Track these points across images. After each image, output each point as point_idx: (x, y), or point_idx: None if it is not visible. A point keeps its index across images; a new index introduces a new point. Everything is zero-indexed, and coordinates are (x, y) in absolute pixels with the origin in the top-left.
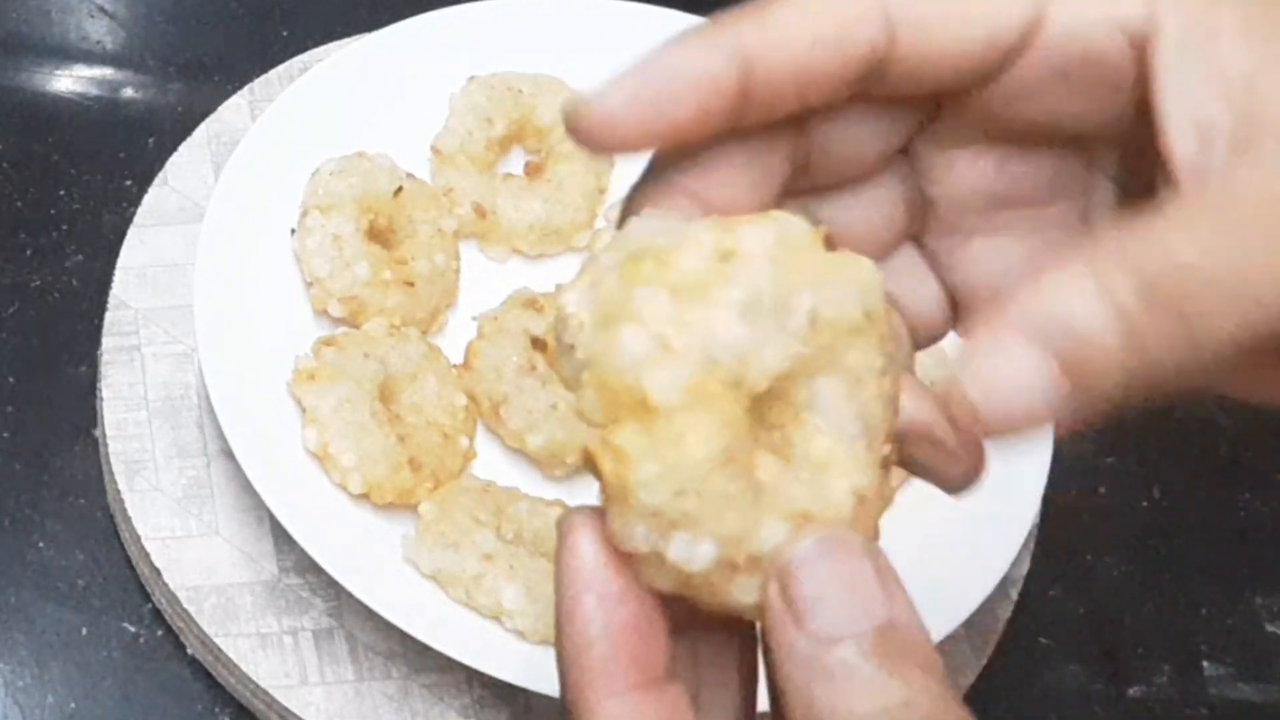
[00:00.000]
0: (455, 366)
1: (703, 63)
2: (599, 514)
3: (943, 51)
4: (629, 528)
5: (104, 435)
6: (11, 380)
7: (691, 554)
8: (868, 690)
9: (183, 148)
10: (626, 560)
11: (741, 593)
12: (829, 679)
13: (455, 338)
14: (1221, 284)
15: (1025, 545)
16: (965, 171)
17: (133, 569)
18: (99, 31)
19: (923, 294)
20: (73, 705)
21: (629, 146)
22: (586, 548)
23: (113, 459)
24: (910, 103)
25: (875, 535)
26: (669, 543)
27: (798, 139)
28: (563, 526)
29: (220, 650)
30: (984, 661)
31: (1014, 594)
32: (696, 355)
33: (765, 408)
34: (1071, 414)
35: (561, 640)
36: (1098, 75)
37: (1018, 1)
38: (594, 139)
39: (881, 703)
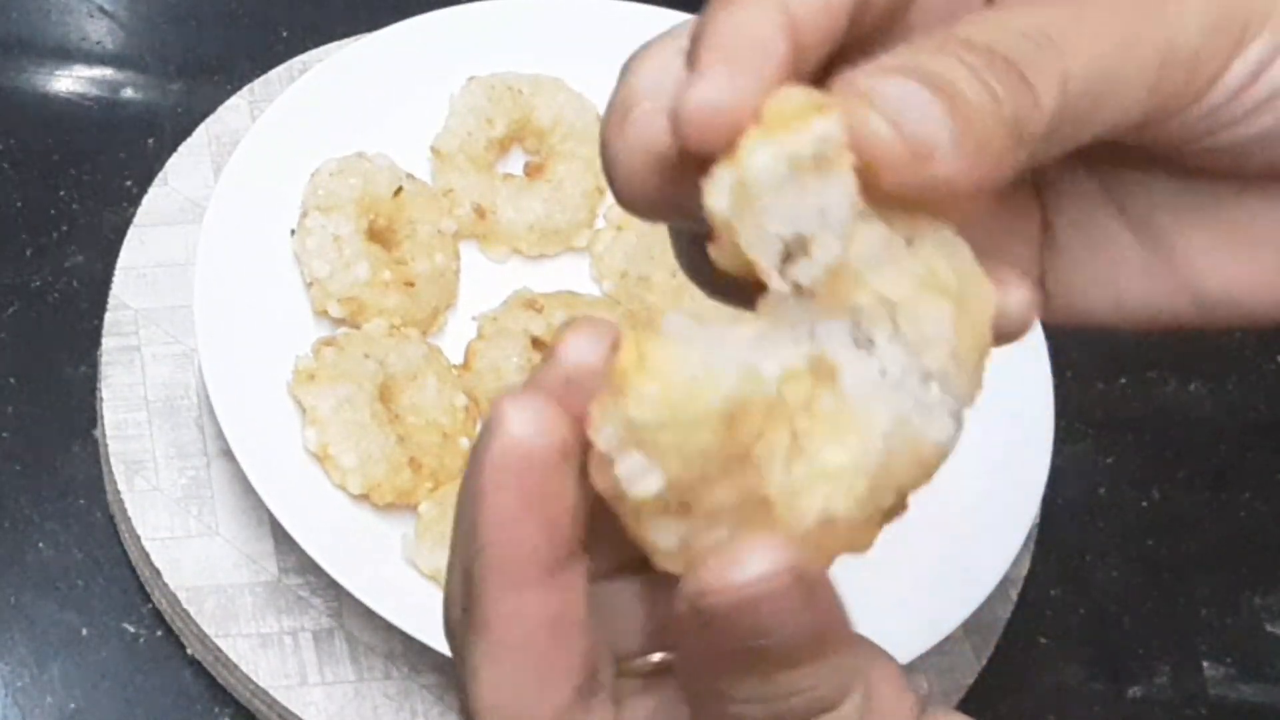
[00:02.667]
0: (455, 367)
1: (767, 18)
2: (540, 400)
3: None
4: (604, 420)
5: (104, 435)
6: (11, 380)
7: (637, 479)
8: None
9: (183, 148)
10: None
11: (661, 535)
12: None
13: (455, 338)
14: (1050, 44)
15: (1025, 545)
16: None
17: (133, 569)
18: (99, 31)
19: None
20: (72, 705)
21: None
22: (524, 426)
23: (113, 459)
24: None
25: (825, 563)
26: (624, 456)
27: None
28: (497, 404)
29: (220, 650)
30: (984, 661)
31: (1014, 594)
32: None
33: (820, 393)
34: (973, 158)
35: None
36: None
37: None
38: (713, 128)
39: None
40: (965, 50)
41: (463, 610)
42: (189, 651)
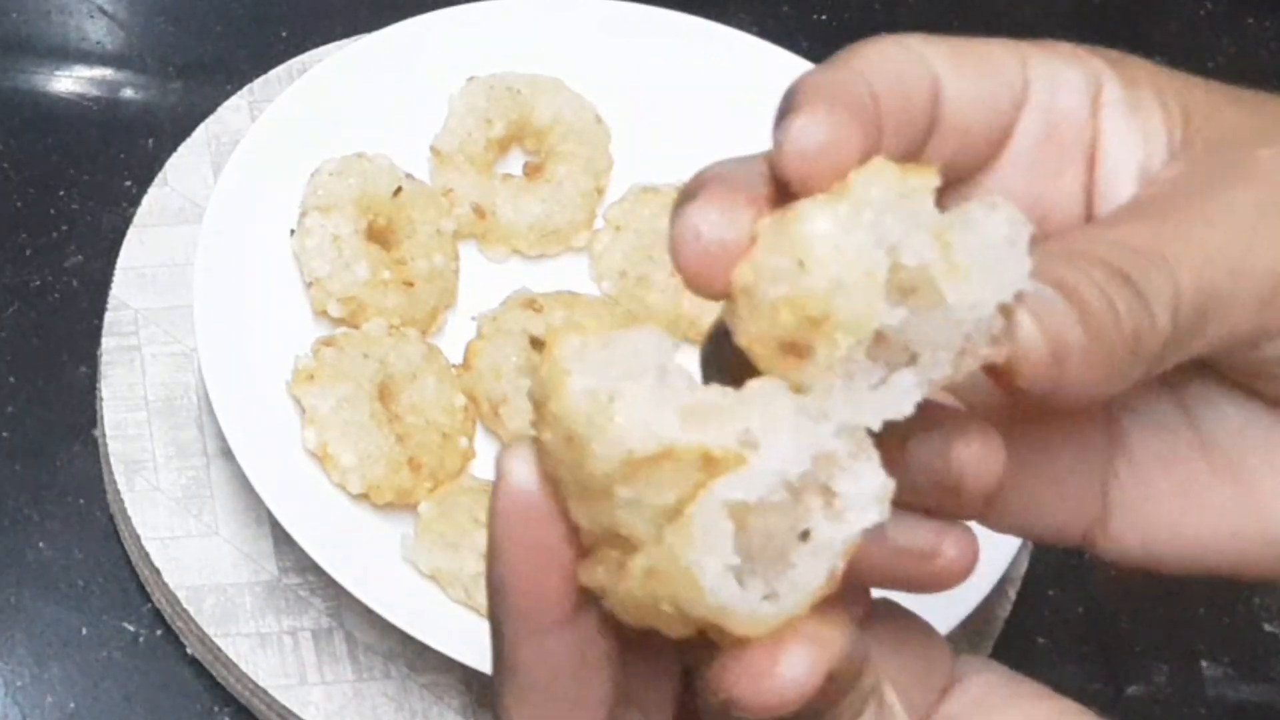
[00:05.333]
0: (455, 367)
1: (860, 81)
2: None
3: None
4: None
5: (104, 435)
6: (11, 380)
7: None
8: None
9: (183, 148)
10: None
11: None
12: None
13: (455, 338)
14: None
15: (1024, 545)
16: None
17: (132, 569)
18: (99, 31)
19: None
20: (72, 705)
21: (846, 166)
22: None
23: (113, 459)
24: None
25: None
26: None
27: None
28: (500, 456)
29: (220, 650)
30: None
31: (1012, 593)
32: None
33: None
34: (1101, 370)
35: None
36: None
37: None
38: (810, 172)
39: None
40: (1085, 262)
41: (495, 654)
42: (189, 651)
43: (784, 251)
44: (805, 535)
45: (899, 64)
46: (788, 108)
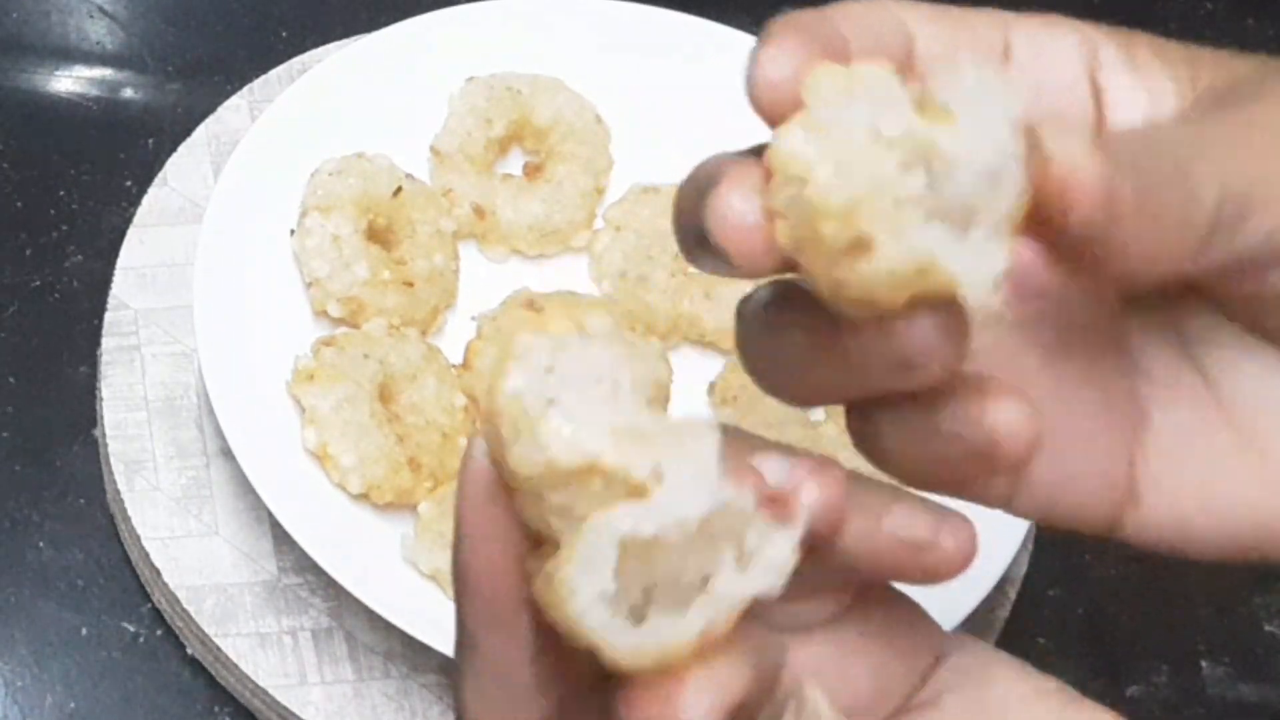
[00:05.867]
0: (455, 367)
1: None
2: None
3: None
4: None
5: (104, 435)
6: (11, 380)
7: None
8: None
9: (183, 148)
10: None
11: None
12: None
13: (455, 338)
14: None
15: (1023, 545)
16: None
17: (132, 569)
18: (99, 31)
19: None
20: (72, 705)
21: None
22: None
23: (112, 459)
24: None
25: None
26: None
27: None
28: (471, 438)
29: (220, 650)
30: None
31: (1012, 594)
32: None
33: None
34: (1152, 224)
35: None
36: None
37: None
38: (779, 90)
39: None
40: (1121, 143)
41: (457, 641)
42: (189, 651)
43: (787, 183)
44: (704, 582)
45: (873, 17)
46: (759, 41)
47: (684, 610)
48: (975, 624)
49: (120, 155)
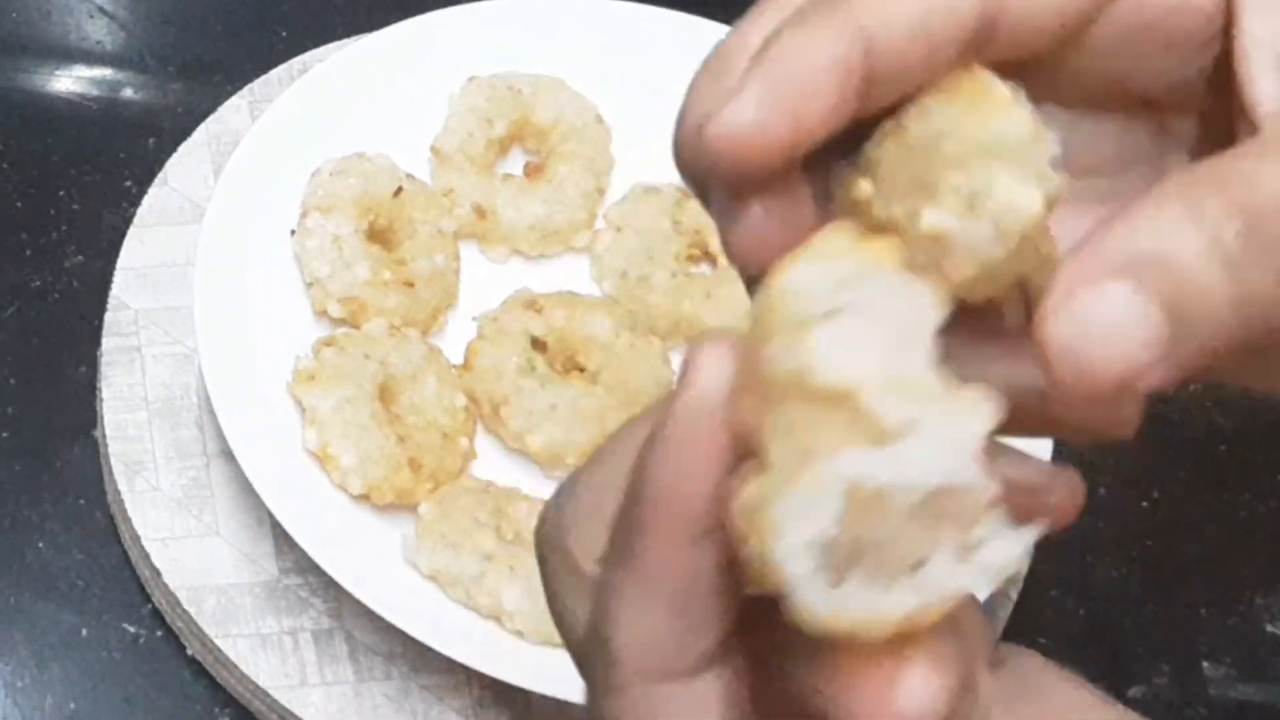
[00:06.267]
0: (455, 367)
1: (830, 49)
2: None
3: (1049, 5)
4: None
5: (104, 436)
6: (11, 380)
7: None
8: None
9: (183, 148)
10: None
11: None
12: None
13: (455, 338)
14: None
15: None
16: None
17: (132, 569)
18: (99, 31)
19: None
20: (72, 706)
21: (770, 157)
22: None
23: (113, 459)
24: (1004, 69)
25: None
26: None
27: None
28: (694, 350)
29: (220, 651)
30: None
31: (1013, 594)
32: None
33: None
34: (1169, 366)
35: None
36: (1182, 24)
37: None
38: (732, 157)
39: None
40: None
41: (611, 545)
42: (189, 652)
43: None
44: (918, 565)
45: None
46: (746, 69)
47: (888, 586)
48: None
49: (120, 155)
